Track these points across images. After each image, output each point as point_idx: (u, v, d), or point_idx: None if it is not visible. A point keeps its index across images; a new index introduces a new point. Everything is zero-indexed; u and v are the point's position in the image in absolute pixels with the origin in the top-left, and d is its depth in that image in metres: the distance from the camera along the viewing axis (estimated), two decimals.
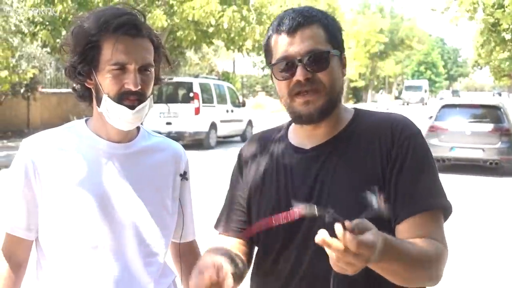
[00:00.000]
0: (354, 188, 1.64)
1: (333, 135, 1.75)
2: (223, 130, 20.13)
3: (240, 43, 22.13)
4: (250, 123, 22.27)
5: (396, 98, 77.86)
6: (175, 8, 19.57)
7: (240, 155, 1.95)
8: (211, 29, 20.75)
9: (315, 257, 1.64)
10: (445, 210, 1.67)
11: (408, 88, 67.15)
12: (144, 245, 1.90)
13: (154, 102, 1.90)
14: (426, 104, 62.08)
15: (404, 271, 1.50)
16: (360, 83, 60.56)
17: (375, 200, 1.38)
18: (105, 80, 1.79)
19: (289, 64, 1.66)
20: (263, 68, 51.12)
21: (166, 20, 18.88)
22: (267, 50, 1.74)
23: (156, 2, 19.55)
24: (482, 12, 18.13)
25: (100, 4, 17.60)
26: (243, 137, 21.71)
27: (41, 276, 1.93)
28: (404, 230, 1.62)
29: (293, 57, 1.64)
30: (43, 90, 24.16)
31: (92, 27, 1.79)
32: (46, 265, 1.90)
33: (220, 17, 19.84)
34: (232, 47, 22.89)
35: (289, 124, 1.88)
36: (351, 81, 56.35)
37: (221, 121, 19.96)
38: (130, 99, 1.80)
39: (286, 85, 1.68)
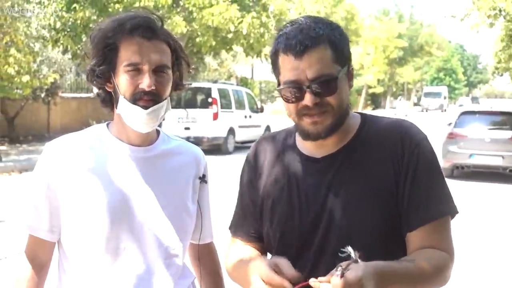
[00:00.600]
0: (368, 198, 1.67)
1: (343, 143, 1.75)
2: (241, 135, 20.16)
3: (259, 49, 22.15)
4: (268, 128, 22.25)
5: (415, 104, 77.40)
6: (195, 14, 19.66)
7: (249, 160, 1.95)
8: (230, 35, 20.81)
9: (332, 264, 1.65)
10: (452, 214, 1.73)
11: (427, 94, 66.71)
12: (165, 247, 1.93)
13: (173, 107, 1.93)
14: (445, 110, 61.62)
15: None
16: (379, 89, 60.24)
17: (354, 254, 1.43)
18: (121, 81, 1.83)
19: (297, 88, 1.64)
20: None
21: (186, 26, 18.97)
22: (274, 65, 1.73)
23: (176, 8, 19.65)
24: (503, 19, 17.97)
25: (121, 10, 17.74)
26: None
27: (63, 279, 1.96)
28: (416, 238, 1.66)
29: (301, 83, 1.63)
30: (63, 95, 24.38)
31: (108, 29, 1.84)
32: (68, 267, 1.93)
33: (239, 23, 19.90)
34: (251, 53, 22.93)
35: (295, 130, 1.87)
36: (369, 87, 56.10)
37: (239, 127, 19.99)
38: (144, 99, 1.82)
39: (294, 107, 1.68)
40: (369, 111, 59.47)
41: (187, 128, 18.35)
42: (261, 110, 22.25)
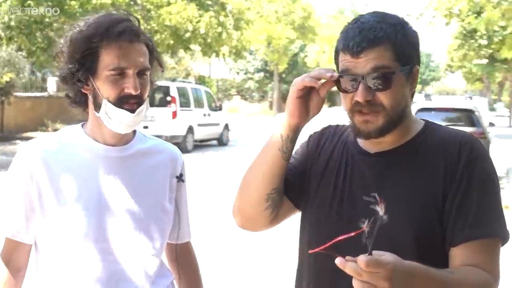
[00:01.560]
0: (409, 202, 1.63)
1: (399, 144, 1.72)
2: (200, 133, 20.11)
3: (217, 48, 22.12)
4: (226, 127, 22.26)
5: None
6: (152, 13, 19.55)
7: (310, 137, 1.93)
8: (188, 34, 20.71)
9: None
10: (504, 239, 1.64)
11: None
12: (141, 245, 1.93)
13: None
14: None
15: None
16: (335, 87, 60.48)
17: (380, 208, 1.32)
18: (104, 85, 1.82)
19: (351, 80, 1.62)
20: (238, 73, 51.14)
21: (143, 25, 18.76)
22: (335, 60, 1.71)
23: (133, 6, 19.48)
24: (457, 18, 18.36)
25: (76, 7, 17.48)
26: (220, 141, 21.72)
27: (39, 274, 1.95)
28: (459, 254, 1.60)
29: (356, 75, 1.61)
30: (18, 94, 23.87)
31: (92, 34, 1.82)
32: (43, 263, 1.93)
33: (197, 23, 19.84)
34: (208, 53, 22.87)
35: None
36: None
37: (198, 125, 19.93)
38: (130, 103, 1.83)
39: (349, 100, 1.65)
40: (325, 108, 59.96)
41: (145, 127, 18.11)
42: (220, 108, 22.22)
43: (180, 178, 2.08)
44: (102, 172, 1.90)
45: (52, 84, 26.70)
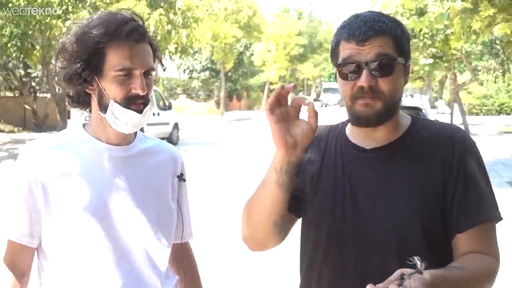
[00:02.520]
0: (411, 196, 1.70)
1: (392, 139, 1.78)
2: (149, 133, 19.79)
3: (165, 47, 21.94)
4: (176, 126, 22.13)
5: (315, 100, 79.15)
6: (102, 10, 19.21)
7: None
8: None
9: (368, 258, 1.70)
10: (498, 219, 1.76)
11: (326, 90, 68.19)
12: (150, 246, 1.93)
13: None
14: (343, 105, 63.36)
15: None
16: None
17: (419, 264, 1.42)
18: (111, 86, 1.82)
19: (355, 67, 1.69)
20: (184, 71, 50.84)
21: None
22: (334, 53, 1.77)
23: (82, 3, 19.11)
24: (402, 16, 18.73)
25: (22, 4, 17.02)
26: (170, 140, 21.55)
27: (43, 279, 1.93)
28: (464, 241, 1.70)
29: (359, 61, 1.68)
30: None
31: (101, 33, 1.81)
32: (49, 267, 1.91)
33: (146, 20, 19.65)
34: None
35: (347, 122, 1.90)
36: (271, 83, 56.86)
37: (148, 125, 19.71)
38: (136, 103, 1.84)
39: (350, 88, 1.72)
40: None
41: None
42: (170, 107, 22.07)
43: (180, 177, 2.09)
44: (107, 171, 1.90)
45: None
